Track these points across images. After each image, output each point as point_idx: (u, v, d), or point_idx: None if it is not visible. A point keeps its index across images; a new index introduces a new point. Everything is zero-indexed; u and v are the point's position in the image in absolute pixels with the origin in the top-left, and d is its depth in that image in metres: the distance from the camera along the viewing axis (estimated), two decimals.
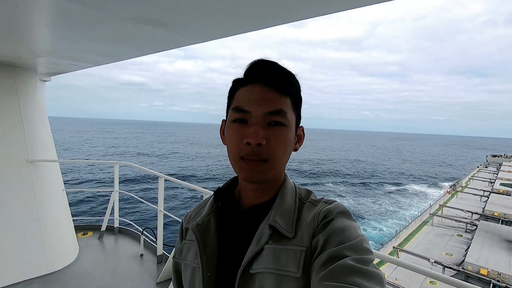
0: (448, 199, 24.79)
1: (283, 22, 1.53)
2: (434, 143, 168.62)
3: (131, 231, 3.89)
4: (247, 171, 0.58)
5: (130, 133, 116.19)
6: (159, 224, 3.10)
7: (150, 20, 1.56)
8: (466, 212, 20.33)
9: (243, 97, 0.60)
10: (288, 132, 0.60)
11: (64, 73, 3.57)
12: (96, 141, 72.74)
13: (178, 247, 0.71)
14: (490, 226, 17.43)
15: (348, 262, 0.47)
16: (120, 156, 46.91)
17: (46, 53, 2.54)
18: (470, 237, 16.41)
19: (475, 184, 30.30)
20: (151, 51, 2.10)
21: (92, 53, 2.39)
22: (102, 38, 1.95)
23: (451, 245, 16.03)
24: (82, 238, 3.70)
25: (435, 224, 19.21)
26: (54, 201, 3.20)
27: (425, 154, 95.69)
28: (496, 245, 14.69)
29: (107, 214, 3.78)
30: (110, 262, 3.20)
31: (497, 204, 21.34)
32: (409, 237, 17.12)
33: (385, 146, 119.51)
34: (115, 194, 3.75)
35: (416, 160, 74.62)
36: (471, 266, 12.59)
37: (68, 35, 1.94)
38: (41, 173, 3.06)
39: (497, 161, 50.87)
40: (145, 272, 3.00)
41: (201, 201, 0.80)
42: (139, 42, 1.96)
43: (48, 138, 3.34)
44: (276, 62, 0.61)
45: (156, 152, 55.33)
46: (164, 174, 3.07)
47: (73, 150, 49.82)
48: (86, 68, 3.03)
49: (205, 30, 1.71)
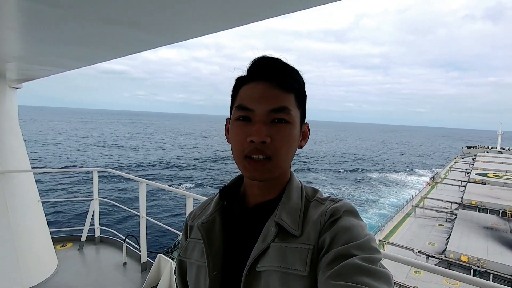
0: (429, 190, 25.67)
1: (264, 18, 1.50)
2: (414, 135, 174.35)
3: (113, 239, 3.77)
4: (251, 170, 0.58)
5: (107, 123, 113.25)
6: (142, 231, 3.02)
7: (123, 22, 1.52)
8: (446, 202, 21.13)
9: (246, 95, 0.60)
10: (292, 129, 0.59)
11: (35, 79, 3.42)
12: (70, 131, 69.81)
13: (183, 245, 0.71)
14: (468, 215, 18.23)
15: (356, 261, 0.47)
16: (92, 147, 45.26)
17: (15, 59, 2.43)
18: (450, 226, 17.07)
19: (453, 175, 31.56)
20: (126, 53, 2.04)
21: (65, 57, 2.30)
22: (75, 41, 1.88)
23: (433, 235, 16.61)
24: (61, 250, 3.55)
25: (417, 216, 19.85)
26: (29, 213, 3.05)
27: (407, 145, 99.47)
28: (475, 232, 15.37)
29: (87, 223, 3.65)
30: (91, 273, 3.09)
31: (474, 193, 22.33)
32: (393, 230, 17.60)
33: (368, 137, 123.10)
34: (94, 202, 3.62)
35: (397, 150, 77.75)
36: (452, 254, 13.10)
37: (37, 39, 1.86)
38: (13, 185, 2.91)
39: (472, 152, 53.21)
40: (128, 281, 2.92)
41: (183, 206, 0.78)
42: (112, 44, 1.90)
43: (20, 148, 3.19)
44: (280, 59, 0.61)
45: (129, 144, 53.46)
46: (144, 179, 3.00)
47: (40, 142, 47.11)
48: (59, 73, 2.91)
49: (180, 30, 1.68)
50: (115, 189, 22.30)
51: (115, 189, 22.30)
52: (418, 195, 23.62)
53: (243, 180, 0.70)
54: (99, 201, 3.71)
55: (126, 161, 34.97)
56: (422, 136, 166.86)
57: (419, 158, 64.45)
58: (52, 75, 3.09)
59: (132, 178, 3.28)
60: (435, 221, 18.89)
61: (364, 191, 30.80)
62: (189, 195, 2.38)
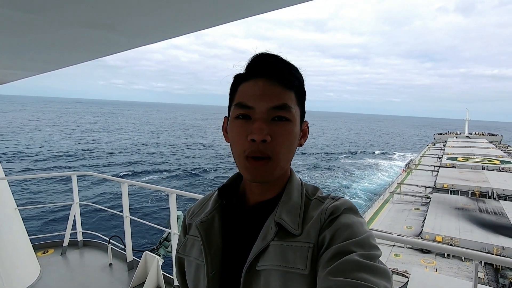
0: (405, 177, 26.84)
1: (242, 17, 1.52)
2: (391, 124, 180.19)
3: (97, 242, 3.73)
4: (252, 171, 0.57)
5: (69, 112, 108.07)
6: (127, 230, 3.03)
7: (96, 24, 1.54)
8: (420, 187, 22.23)
9: (245, 92, 0.58)
10: (293, 127, 0.59)
11: (4, 83, 3.30)
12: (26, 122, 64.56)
13: (182, 242, 0.70)
14: (441, 197, 19.30)
15: (355, 257, 0.47)
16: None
17: None
18: (425, 209, 17.98)
19: (426, 161, 33.18)
20: (101, 55, 2.05)
21: (36, 61, 2.26)
22: (46, 45, 1.87)
23: (410, 219, 17.45)
24: (42, 257, 3.48)
25: (395, 202, 20.74)
26: (6, 221, 2.97)
27: (384, 133, 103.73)
28: (447, 213, 16.34)
29: (69, 228, 3.59)
30: (76, 277, 3.07)
31: (446, 176, 23.62)
32: (373, 217, 18.29)
33: (346, 128, 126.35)
34: (75, 206, 3.57)
35: (373, 138, 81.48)
36: (428, 235, 13.87)
37: (7, 44, 1.83)
38: None
39: (443, 138, 56.04)
40: (115, 281, 2.93)
41: (166, 202, 0.82)
42: (86, 46, 1.90)
43: None
44: (279, 56, 0.60)
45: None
46: (126, 179, 3.00)
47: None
48: (30, 76, 2.84)
49: (156, 31, 1.70)
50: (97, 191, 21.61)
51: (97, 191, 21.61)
52: (395, 182, 24.65)
53: (242, 178, 0.69)
54: (80, 205, 3.66)
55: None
56: (400, 126, 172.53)
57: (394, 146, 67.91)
58: (22, 79, 3.01)
59: (113, 179, 3.27)
60: (412, 205, 19.83)
61: (338, 177, 31.87)
62: (172, 191, 2.42)
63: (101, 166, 29.52)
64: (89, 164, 29.90)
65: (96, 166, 29.29)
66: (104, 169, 28.28)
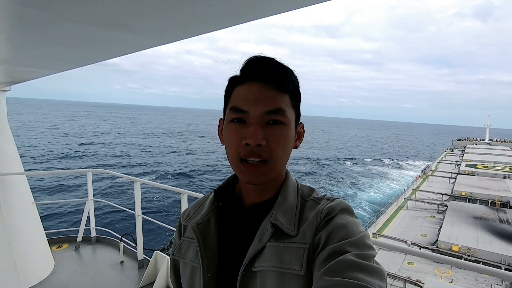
0: (421, 183, 26.10)
1: (254, 18, 1.52)
2: (405, 131, 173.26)
3: (109, 239, 3.79)
4: (248, 174, 0.58)
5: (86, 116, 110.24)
6: (138, 229, 3.06)
7: (112, 24, 1.55)
8: (437, 194, 21.55)
9: (240, 96, 0.59)
10: (288, 131, 0.59)
11: (24, 81, 3.41)
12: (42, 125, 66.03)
13: (177, 244, 0.70)
14: (458, 205, 18.63)
15: (350, 257, 0.48)
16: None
17: (3, 61, 2.42)
18: (441, 217, 17.42)
19: (444, 167, 32.15)
20: (115, 55, 2.06)
21: (53, 59, 2.31)
22: (63, 43, 1.90)
23: (425, 226, 16.94)
24: (57, 251, 3.56)
25: (409, 208, 20.19)
26: (24, 215, 3.06)
27: (398, 140, 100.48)
28: (465, 222, 15.75)
29: (82, 224, 3.66)
30: (88, 273, 3.11)
31: (464, 184, 22.80)
32: (386, 223, 17.88)
33: (358, 134, 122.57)
34: (89, 203, 3.63)
35: (385, 146, 78.52)
36: (444, 244, 13.41)
37: (26, 42, 1.87)
38: (7, 188, 2.91)
39: (462, 144, 54.17)
40: (126, 278, 2.95)
41: (178, 203, 0.80)
42: (102, 46, 1.92)
43: (12, 150, 3.18)
44: (273, 58, 0.60)
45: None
46: (139, 178, 3.03)
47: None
48: (48, 75, 2.91)
49: (170, 31, 1.70)
50: (110, 189, 22.14)
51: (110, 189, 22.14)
52: (409, 188, 24.01)
53: (238, 180, 0.69)
54: (94, 201, 3.72)
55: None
56: (414, 133, 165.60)
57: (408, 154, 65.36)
58: (41, 77, 3.09)
59: (127, 177, 3.30)
60: (427, 212, 19.26)
61: (344, 184, 30.45)
62: (183, 192, 2.42)
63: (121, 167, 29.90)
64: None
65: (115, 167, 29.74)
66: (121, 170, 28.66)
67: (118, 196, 20.62)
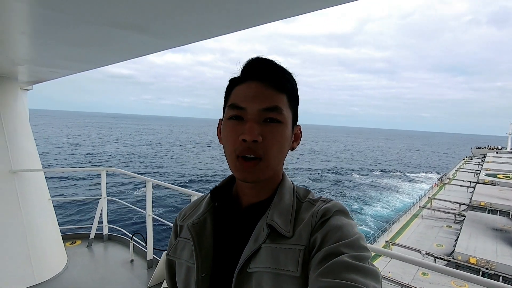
0: (437, 191, 25.33)
1: (268, 21, 1.52)
2: (423, 142, 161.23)
3: (120, 237, 3.85)
4: (243, 171, 0.58)
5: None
6: (148, 229, 3.09)
7: (129, 25, 1.57)
8: (454, 203, 20.83)
9: (239, 94, 0.60)
10: (284, 129, 0.59)
11: (45, 81, 3.52)
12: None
13: (172, 244, 0.70)
14: (477, 216, 17.93)
15: (345, 259, 0.48)
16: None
17: (26, 61, 2.51)
18: (458, 227, 16.81)
19: (462, 176, 31.09)
20: (133, 56, 2.10)
21: (73, 60, 2.37)
22: (82, 45, 1.95)
23: (441, 236, 16.40)
24: (70, 247, 3.64)
25: (425, 217, 19.62)
26: (40, 211, 3.14)
27: (412, 150, 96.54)
28: (483, 234, 15.12)
29: (95, 221, 3.74)
30: (99, 270, 3.17)
31: (483, 194, 21.95)
32: (400, 231, 17.42)
33: (367, 144, 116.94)
34: (102, 201, 3.71)
35: (399, 156, 74.95)
36: (460, 256, 12.91)
37: (47, 42, 1.93)
38: (25, 183, 3.01)
39: (482, 153, 52.28)
40: (135, 277, 2.98)
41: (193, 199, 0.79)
42: (119, 47, 1.96)
43: (31, 147, 3.29)
44: (272, 60, 0.61)
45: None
46: (151, 178, 3.06)
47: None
48: (68, 75, 3.00)
49: (186, 33, 1.72)
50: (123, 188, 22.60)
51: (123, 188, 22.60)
52: (425, 196, 23.33)
53: (235, 181, 0.70)
54: (107, 200, 3.80)
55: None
56: (431, 142, 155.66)
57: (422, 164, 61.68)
58: (61, 77, 3.19)
59: (139, 177, 3.35)
60: (443, 222, 18.64)
61: (350, 197, 28.46)
62: (194, 194, 2.42)
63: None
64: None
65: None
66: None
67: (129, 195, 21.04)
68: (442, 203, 21.34)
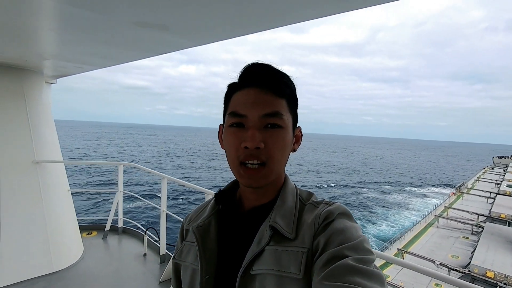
0: (454, 200, 24.55)
1: (284, 24, 1.55)
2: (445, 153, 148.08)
3: (134, 231, 3.93)
4: (247, 178, 0.59)
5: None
6: (162, 224, 3.13)
7: (151, 24, 1.60)
8: (472, 214, 20.12)
9: (238, 101, 0.60)
10: (285, 134, 0.60)
11: (69, 75, 3.64)
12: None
13: (178, 248, 0.72)
14: (496, 228, 17.23)
15: (349, 262, 0.48)
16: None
17: (52, 56, 2.60)
18: (476, 239, 16.24)
19: (481, 186, 29.97)
20: (154, 54, 2.14)
21: (97, 56, 2.44)
22: (106, 42, 2.00)
23: (456, 247, 15.88)
24: (86, 238, 3.75)
25: (440, 226, 19.06)
26: (60, 201, 3.25)
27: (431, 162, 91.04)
28: (503, 247, 14.52)
29: (111, 214, 3.83)
30: (113, 262, 3.24)
31: (504, 205, 21.08)
32: (413, 239, 16.98)
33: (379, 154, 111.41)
34: (119, 194, 3.79)
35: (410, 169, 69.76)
36: (477, 269, 12.46)
37: (73, 39, 1.99)
38: (46, 174, 3.12)
39: (504, 163, 50.22)
40: (148, 271, 3.03)
41: (202, 202, 0.81)
42: (141, 45, 2.00)
43: (54, 139, 3.40)
44: (270, 65, 0.61)
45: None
46: (167, 175, 3.10)
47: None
48: (91, 70, 3.08)
49: (206, 33, 1.74)
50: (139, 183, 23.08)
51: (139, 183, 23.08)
52: (442, 204, 22.64)
53: (239, 185, 0.70)
54: (123, 193, 3.88)
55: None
56: (449, 153, 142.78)
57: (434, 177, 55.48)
58: (84, 72, 3.28)
59: (155, 173, 3.40)
60: (460, 233, 18.03)
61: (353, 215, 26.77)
62: (208, 192, 2.44)
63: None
64: None
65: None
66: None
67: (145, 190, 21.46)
68: (459, 213, 20.65)
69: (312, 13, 1.35)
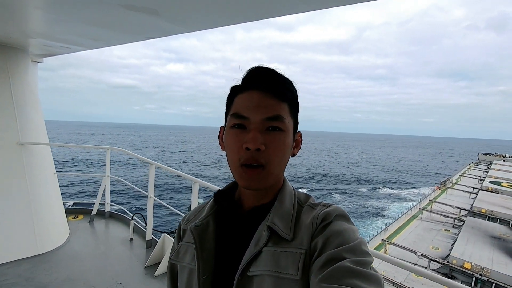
0: (438, 194, 25.21)
1: (273, 16, 1.54)
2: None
3: (121, 215, 3.93)
4: (247, 179, 0.59)
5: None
6: (149, 210, 3.14)
7: (140, 7, 1.56)
8: (454, 208, 20.74)
9: (241, 103, 0.61)
10: (286, 137, 0.60)
11: (56, 55, 3.52)
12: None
13: (175, 248, 0.71)
14: (476, 222, 17.87)
15: (347, 264, 0.48)
16: None
17: (38, 35, 2.51)
18: (456, 232, 16.81)
19: (465, 181, 30.82)
20: (142, 38, 2.09)
21: (84, 37, 2.37)
22: (94, 23, 1.94)
23: (438, 240, 16.42)
24: (73, 221, 3.73)
25: (424, 219, 19.61)
26: (45, 184, 3.21)
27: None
28: (481, 241, 15.10)
29: (98, 198, 3.81)
30: (100, 245, 3.25)
31: (485, 201, 21.79)
32: (398, 231, 17.47)
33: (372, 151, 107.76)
34: (106, 179, 3.77)
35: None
36: (455, 260, 12.95)
37: (59, 18, 1.92)
38: (32, 156, 3.06)
39: (488, 159, 51.61)
40: (134, 256, 3.06)
41: (190, 190, 0.81)
42: (130, 28, 1.95)
43: (40, 121, 3.32)
44: (273, 69, 0.62)
45: None
46: (155, 161, 3.09)
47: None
48: (78, 51, 3.00)
49: (195, 20, 1.71)
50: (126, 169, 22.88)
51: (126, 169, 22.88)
52: (426, 198, 23.25)
53: (238, 185, 0.71)
54: (110, 178, 3.85)
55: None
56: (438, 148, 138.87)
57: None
58: (72, 53, 3.18)
59: (143, 159, 3.38)
60: (442, 225, 18.62)
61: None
62: (195, 180, 2.44)
63: None
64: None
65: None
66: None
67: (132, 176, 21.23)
68: (443, 206, 21.27)
69: (303, 6, 1.34)
